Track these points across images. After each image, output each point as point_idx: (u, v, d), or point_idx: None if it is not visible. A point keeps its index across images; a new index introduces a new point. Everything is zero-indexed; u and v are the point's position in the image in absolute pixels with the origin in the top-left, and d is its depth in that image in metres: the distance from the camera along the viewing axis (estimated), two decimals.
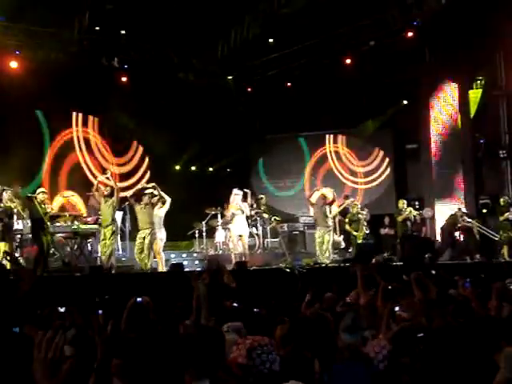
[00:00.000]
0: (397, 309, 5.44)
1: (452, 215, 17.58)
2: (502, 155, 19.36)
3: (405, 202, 17.55)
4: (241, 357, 3.53)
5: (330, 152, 21.70)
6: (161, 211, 14.19)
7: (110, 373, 3.32)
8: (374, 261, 13.67)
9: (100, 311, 4.78)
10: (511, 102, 19.37)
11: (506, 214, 16.47)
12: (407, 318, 5.21)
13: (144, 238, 13.57)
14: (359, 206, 17.33)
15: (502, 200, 16.96)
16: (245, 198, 15.71)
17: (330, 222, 15.68)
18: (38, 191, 13.06)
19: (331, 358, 4.15)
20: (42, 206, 12.81)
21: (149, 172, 19.40)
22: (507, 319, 5.16)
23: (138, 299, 5.43)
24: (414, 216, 17.27)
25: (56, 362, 2.53)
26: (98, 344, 3.64)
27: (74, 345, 3.48)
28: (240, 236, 15.20)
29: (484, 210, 18.20)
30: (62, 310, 5.72)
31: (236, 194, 15.47)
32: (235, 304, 6.51)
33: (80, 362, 3.28)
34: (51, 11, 15.33)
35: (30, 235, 13.36)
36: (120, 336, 4.23)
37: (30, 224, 13.23)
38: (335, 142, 21.71)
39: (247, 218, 16.19)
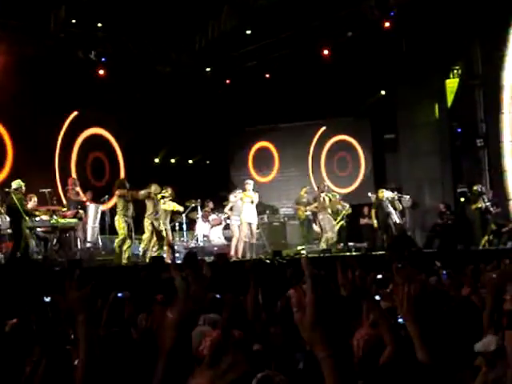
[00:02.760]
0: (377, 298, 5.48)
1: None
2: (479, 144, 19.49)
3: (384, 191, 17.55)
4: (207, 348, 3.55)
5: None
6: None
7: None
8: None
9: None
10: (488, 90, 19.50)
11: (478, 203, 16.66)
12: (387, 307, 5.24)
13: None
14: (337, 197, 17.35)
15: (474, 188, 17.11)
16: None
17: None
18: (15, 185, 12.96)
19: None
20: (20, 199, 12.74)
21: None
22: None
23: (119, 294, 5.43)
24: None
25: None
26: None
27: None
28: (249, 224, 15.24)
29: (462, 199, 18.35)
30: (48, 299, 5.73)
31: (248, 184, 15.55)
32: (217, 295, 6.51)
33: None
34: (26, 4, 15.22)
35: (9, 230, 13.30)
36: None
37: (8, 219, 13.17)
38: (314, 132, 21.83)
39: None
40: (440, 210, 18.26)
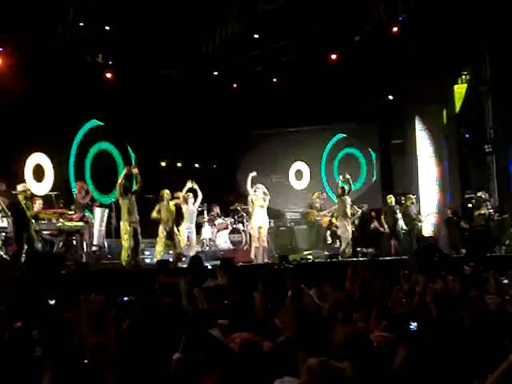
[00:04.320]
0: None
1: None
2: (487, 150, 19.42)
3: (392, 197, 17.45)
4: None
5: None
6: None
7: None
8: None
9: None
10: (496, 96, 19.42)
11: (481, 209, 16.59)
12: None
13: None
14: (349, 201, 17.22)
15: (478, 195, 17.07)
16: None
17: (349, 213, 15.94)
18: (21, 188, 12.94)
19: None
20: (27, 202, 12.71)
21: None
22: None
23: (125, 298, 5.38)
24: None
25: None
26: None
27: None
28: (259, 227, 15.12)
29: (469, 205, 18.25)
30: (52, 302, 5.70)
31: (258, 188, 15.42)
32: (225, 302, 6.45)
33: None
34: (34, 6, 15.21)
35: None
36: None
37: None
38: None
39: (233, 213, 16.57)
40: (447, 215, 18.15)
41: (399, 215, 16.89)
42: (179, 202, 15.19)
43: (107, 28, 17.49)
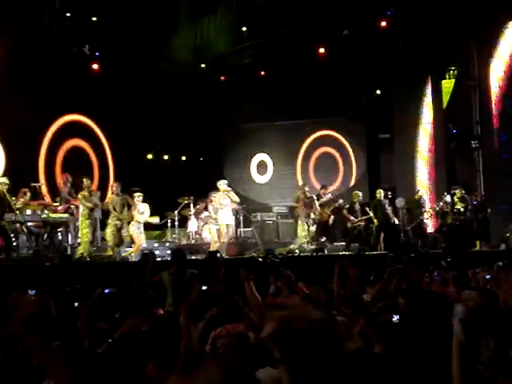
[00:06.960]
0: (365, 296, 5.48)
1: None
2: (473, 145, 19.47)
3: (381, 191, 17.43)
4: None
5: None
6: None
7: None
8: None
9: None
10: (483, 92, 19.46)
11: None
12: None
13: None
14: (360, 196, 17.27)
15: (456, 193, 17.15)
16: None
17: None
18: (1, 180, 12.84)
19: None
20: (5, 195, 12.60)
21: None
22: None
23: (106, 290, 5.32)
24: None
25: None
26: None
27: None
28: (227, 225, 15.17)
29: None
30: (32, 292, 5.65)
31: (221, 185, 15.43)
32: (204, 287, 6.44)
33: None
34: None
35: None
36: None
37: None
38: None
39: None
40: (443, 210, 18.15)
41: (388, 210, 16.85)
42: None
43: (94, 19, 17.38)
